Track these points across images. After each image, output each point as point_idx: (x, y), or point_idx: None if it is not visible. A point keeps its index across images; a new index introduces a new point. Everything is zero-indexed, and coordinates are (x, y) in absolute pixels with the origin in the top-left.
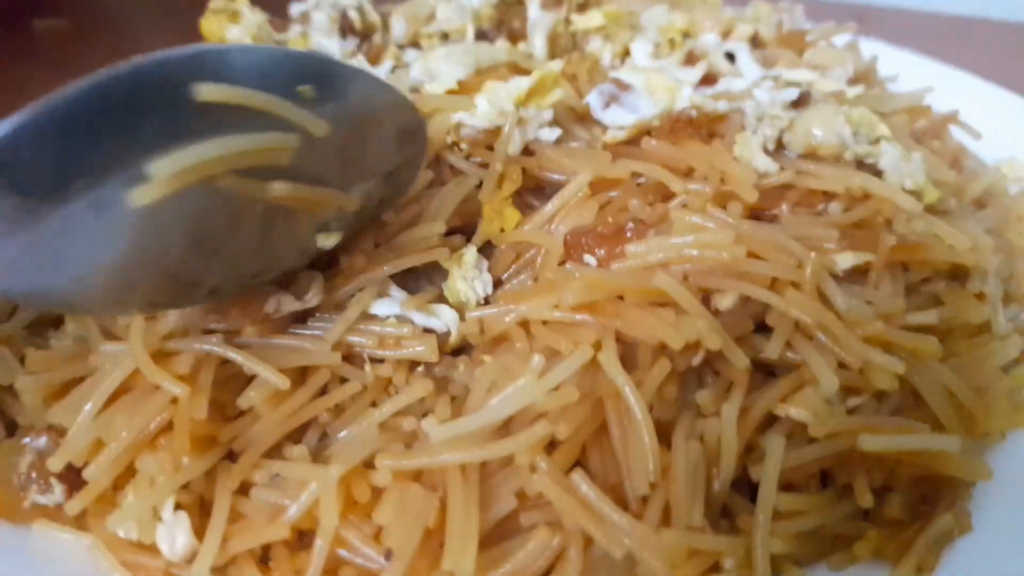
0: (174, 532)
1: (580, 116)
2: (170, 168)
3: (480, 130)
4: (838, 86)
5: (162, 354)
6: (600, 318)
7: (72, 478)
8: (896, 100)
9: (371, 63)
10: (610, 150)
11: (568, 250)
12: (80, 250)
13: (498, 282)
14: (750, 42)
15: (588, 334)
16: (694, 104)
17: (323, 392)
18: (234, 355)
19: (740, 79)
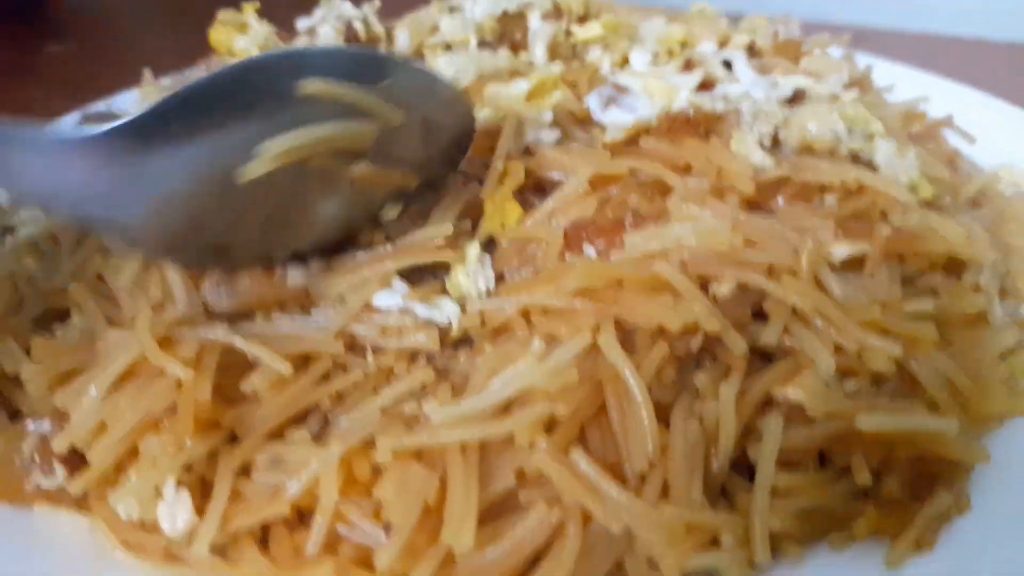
0: (175, 509)
1: (580, 120)
2: (276, 148)
3: (482, 131)
4: (833, 91)
5: (167, 341)
6: (599, 305)
7: (75, 461)
8: (891, 106)
9: None
10: (609, 150)
11: (568, 242)
12: (162, 194)
13: (500, 277)
14: (747, 51)
15: (588, 320)
16: (692, 104)
17: (325, 380)
18: (238, 342)
19: (737, 85)
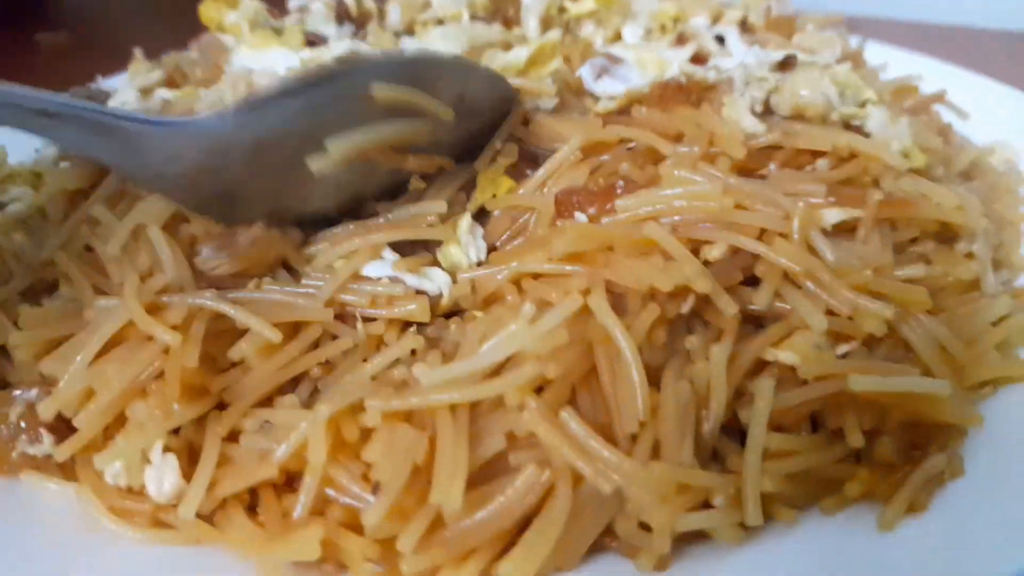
0: (162, 473)
1: (573, 89)
2: (344, 145)
3: None
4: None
5: (155, 307)
6: (590, 268)
7: (61, 429)
8: (884, 82)
9: None
10: (602, 119)
11: (559, 208)
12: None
13: (492, 248)
14: (739, 26)
15: (578, 283)
16: (684, 72)
17: (315, 348)
18: (227, 308)
19: (729, 59)
